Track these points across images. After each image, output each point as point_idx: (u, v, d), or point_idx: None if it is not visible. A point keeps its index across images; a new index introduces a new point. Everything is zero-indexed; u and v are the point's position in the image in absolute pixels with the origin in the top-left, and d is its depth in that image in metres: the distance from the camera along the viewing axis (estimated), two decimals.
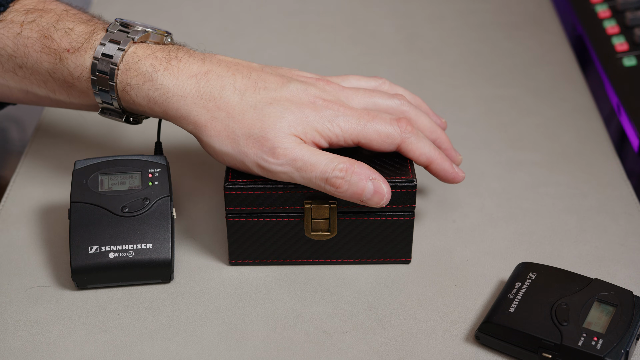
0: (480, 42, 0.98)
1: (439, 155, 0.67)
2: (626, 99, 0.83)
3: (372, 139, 0.65)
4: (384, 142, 0.65)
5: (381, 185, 0.63)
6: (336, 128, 0.64)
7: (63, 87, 0.68)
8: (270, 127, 0.63)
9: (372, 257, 0.68)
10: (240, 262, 0.68)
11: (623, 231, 0.72)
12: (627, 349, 0.58)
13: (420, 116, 0.69)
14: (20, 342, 0.62)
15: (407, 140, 0.66)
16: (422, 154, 0.66)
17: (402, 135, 0.65)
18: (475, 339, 0.62)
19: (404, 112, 0.69)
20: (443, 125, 0.73)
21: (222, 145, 0.64)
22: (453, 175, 0.68)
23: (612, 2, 0.94)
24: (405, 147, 0.66)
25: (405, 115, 0.68)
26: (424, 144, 0.66)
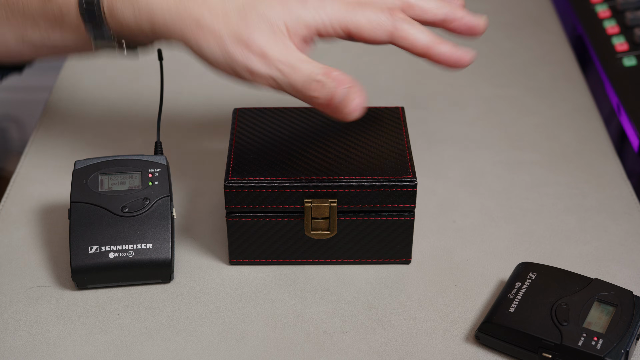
0: (480, 42, 0.98)
1: (437, 40, 0.63)
2: (626, 99, 0.83)
3: (362, 25, 0.63)
4: (375, 29, 0.63)
5: (353, 93, 0.61)
6: (323, 15, 0.62)
7: (55, 26, 0.68)
8: (257, 29, 0.62)
9: (372, 257, 0.68)
10: (240, 261, 0.68)
11: (623, 231, 0.72)
12: (627, 349, 0.58)
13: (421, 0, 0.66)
14: (20, 342, 0.62)
15: (400, 28, 0.63)
16: (418, 41, 0.63)
17: (394, 22, 0.63)
18: (475, 339, 0.62)
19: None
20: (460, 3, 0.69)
21: (211, 51, 0.63)
22: (456, 59, 0.64)
23: (612, 2, 0.94)
24: (399, 36, 0.63)
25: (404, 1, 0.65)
26: (420, 31, 0.63)
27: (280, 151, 0.67)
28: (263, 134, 0.69)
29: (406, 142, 0.68)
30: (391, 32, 0.63)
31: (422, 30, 0.64)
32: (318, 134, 0.69)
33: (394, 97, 0.88)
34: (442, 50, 0.64)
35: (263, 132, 0.70)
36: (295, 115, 0.72)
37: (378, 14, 0.63)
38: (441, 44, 0.64)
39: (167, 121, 0.83)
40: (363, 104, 0.62)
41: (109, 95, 0.88)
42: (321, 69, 0.62)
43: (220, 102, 0.86)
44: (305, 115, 0.72)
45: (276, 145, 0.68)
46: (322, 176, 0.65)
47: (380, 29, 0.63)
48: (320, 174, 0.65)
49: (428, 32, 0.64)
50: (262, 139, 0.69)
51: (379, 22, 0.63)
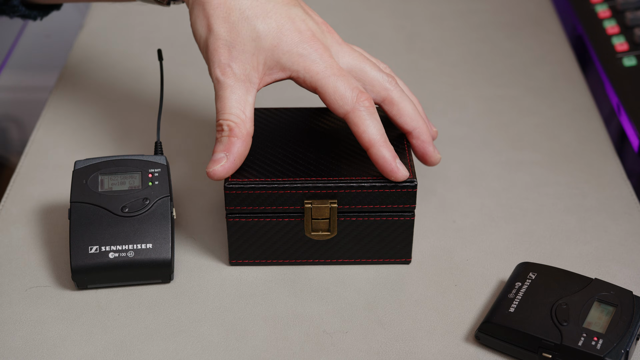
0: (480, 42, 0.98)
1: (383, 142, 0.64)
2: (626, 99, 0.83)
3: (328, 92, 0.63)
4: (336, 101, 0.63)
5: (219, 163, 0.63)
6: (300, 66, 0.63)
7: None
8: (241, 43, 0.63)
9: (372, 257, 0.68)
10: (240, 262, 0.68)
11: (623, 231, 0.72)
12: (627, 349, 0.58)
13: (404, 100, 0.67)
14: (20, 342, 0.62)
15: (357, 112, 0.63)
16: (365, 133, 0.63)
17: (355, 104, 0.63)
18: (475, 339, 0.62)
19: (387, 90, 0.66)
20: (433, 134, 0.71)
21: (199, 29, 0.65)
22: (389, 169, 0.64)
23: (612, 2, 0.94)
24: (352, 119, 0.63)
25: (387, 93, 0.66)
26: (373, 125, 0.63)
27: (280, 152, 0.67)
28: (264, 135, 0.69)
29: (406, 143, 0.68)
30: (346, 112, 0.64)
31: (375, 125, 0.64)
32: (318, 135, 0.69)
33: None
34: (380, 155, 0.64)
35: (264, 133, 0.70)
36: (296, 116, 0.72)
37: (347, 90, 0.63)
38: (381, 148, 0.63)
39: (167, 121, 0.83)
40: (222, 176, 0.64)
41: (109, 95, 0.88)
42: (232, 122, 0.63)
43: None
44: (306, 116, 0.72)
45: (276, 146, 0.68)
46: (322, 177, 0.65)
47: (340, 103, 0.63)
48: (320, 175, 0.65)
49: (378, 130, 0.64)
50: (263, 139, 0.69)
51: (342, 97, 0.63)
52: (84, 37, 0.97)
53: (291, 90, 0.85)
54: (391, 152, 0.64)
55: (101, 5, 1.03)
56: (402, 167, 0.64)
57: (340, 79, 0.63)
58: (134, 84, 0.90)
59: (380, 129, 0.64)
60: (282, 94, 0.86)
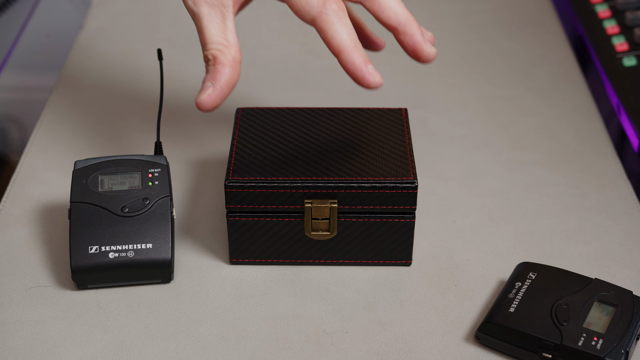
0: (480, 42, 0.98)
1: (352, 47, 0.60)
2: (626, 99, 0.83)
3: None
4: (302, 7, 0.60)
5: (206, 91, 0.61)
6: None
7: None
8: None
9: (373, 258, 0.68)
10: (240, 261, 0.68)
11: (623, 231, 0.72)
12: (627, 349, 0.58)
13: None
14: (20, 342, 0.62)
15: (324, 16, 0.60)
16: (333, 38, 0.60)
17: (321, 8, 0.59)
18: (475, 339, 0.62)
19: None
20: (428, 37, 0.66)
21: None
22: (360, 75, 0.60)
23: (612, 2, 0.94)
24: (319, 24, 0.60)
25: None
26: (342, 29, 0.60)
27: (281, 151, 0.67)
28: (265, 134, 0.69)
29: (408, 144, 0.68)
30: (313, 18, 0.60)
31: (344, 30, 0.60)
32: (319, 135, 0.69)
33: (394, 96, 0.88)
34: (349, 61, 0.60)
35: (265, 132, 0.70)
36: (297, 115, 0.72)
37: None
38: (351, 53, 0.60)
39: (167, 121, 0.83)
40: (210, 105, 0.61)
41: (109, 95, 0.88)
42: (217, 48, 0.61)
43: None
44: (307, 116, 0.72)
45: (277, 145, 0.68)
46: (322, 177, 0.65)
47: (305, 10, 0.60)
48: (320, 175, 0.65)
49: (348, 34, 0.60)
50: (264, 138, 0.69)
51: (307, 3, 0.60)
52: (84, 37, 0.97)
53: (291, 90, 0.85)
54: (362, 57, 0.60)
55: (101, 5, 1.03)
56: (375, 72, 0.61)
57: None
58: (133, 84, 0.90)
59: (350, 33, 0.60)
60: (283, 94, 0.86)
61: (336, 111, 0.72)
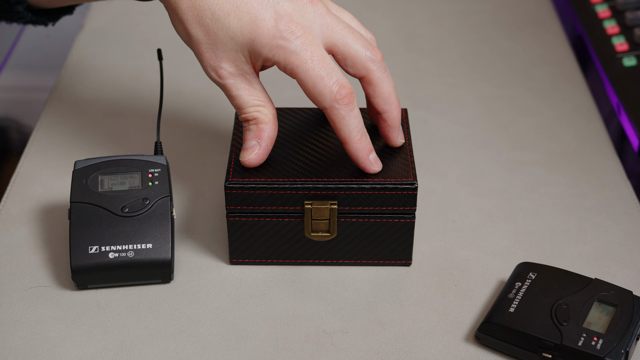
0: (480, 42, 0.98)
1: (357, 139, 0.64)
2: (626, 99, 0.83)
3: (307, 87, 0.63)
4: (315, 97, 0.63)
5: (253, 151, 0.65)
6: (281, 58, 0.62)
7: None
8: (221, 44, 0.63)
9: (373, 259, 0.68)
10: (240, 261, 0.68)
11: (623, 231, 0.72)
12: (627, 349, 0.58)
13: (383, 82, 0.65)
14: (20, 342, 0.62)
15: (334, 110, 0.63)
16: (341, 131, 0.64)
17: (332, 103, 0.63)
18: (475, 339, 0.62)
19: (368, 70, 0.65)
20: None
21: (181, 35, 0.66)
22: (363, 166, 0.65)
23: (612, 2, 0.94)
24: (329, 116, 0.63)
25: (367, 73, 0.65)
26: (350, 122, 0.63)
27: (281, 152, 0.67)
28: None
29: (408, 144, 0.68)
30: (325, 108, 0.63)
31: (352, 122, 0.63)
32: (319, 136, 0.69)
33: None
34: (352, 152, 0.64)
35: None
36: (297, 116, 0.72)
37: (324, 86, 0.62)
38: (355, 145, 0.64)
39: (167, 121, 0.83)
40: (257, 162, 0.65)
41: (109, 95, 0.88)
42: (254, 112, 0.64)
43: (220, 102, 0.86)
44: (307, 117, 0.72)
45: (277, 146, 0.68)
46: (322, 178, 0.65)
47: (318, 100, 0.63)
48: (320, 176, 0.65)
49: (355, 126, 0.64)
50: None
51: (320, 94, 0.63)
52: (84, 37, 0.97)
53: (291, 90, 0.85)
54: (366, 149, 0.64)
55: (101, 5, 1.03)
56: (375, 162, 0.65)
57: (320, 71, 0.62)
58: (133, 84, 0.90)
59: (357, 126, 0.64)
60: (282, 94, 0.86)
61: None
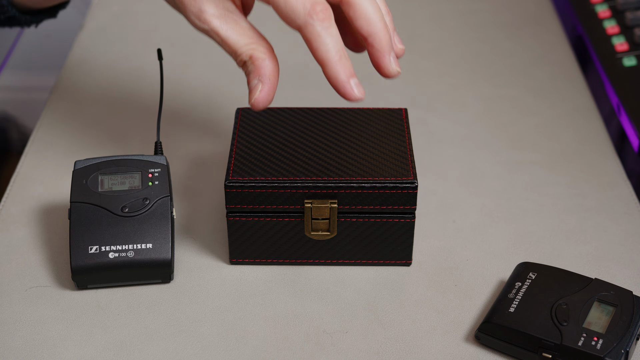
0: (480, 42, 0.98)
1: (337, 60, 0.59)
2: (626, 99, 0.83)
3: (279, 5, 0.59)
4: (287, 14, 0.59)
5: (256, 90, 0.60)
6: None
7: None
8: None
9: (373, 258, 0.68)
10: (240, 261, 0.68)
11: (623, 231, 0.72)
12: (627, 349, 0.58)
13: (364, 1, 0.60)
14: (20, 342, 0.62)
15: (309, 27, 0.58)
16: (318, 50, 0.59)
17: (306, 18, 0.58)
18: (475, 339, 0.62)
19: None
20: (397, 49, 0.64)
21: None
22: (342, 90, 0.59)
23: (612, 2, 0.94)
24: (304, 34, 0.59)
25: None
26: (328, 41, 0.59)
27: (281, 151, 0.67)
28: (265, 134, 0.69)
29: (408, 144, 0.68)
30: (299, 26, 0.59)
31: (329, 41, 0.59)
32: (320, 135, 0.69)
33: (394, 96, 0.88)
34: (332, 75, 0.59)
35: (265, 132, 0.70)
36: (297, 115, 0.72)
37: (297, 3, 0.59)
38: (335, 66, 0.59)
39: (167, 121, 0.83)
40: (265, 101, 0.60)
41: (109, 95, 0.88)
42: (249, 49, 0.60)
43: (220, 102, 0.86)
44: (307, 116, 0.72)
45: (277, 145, 0.68)
46: (322, 177, 0.65)
47: (291, 19, 0.59)
48: (320, 175, 0.65)
49: (334, 46, 0.59)
50: (264, 139, 0.69)
51: (293, 11, 0.59)
52: (84, 37, 0.97)
53: (291, 90, 0.85)
54: (345, 71, 0.59)
55: (101, 5, 1.02)
56: (357, 87, 0.60)
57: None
58: (133, 84, 0.90)
59: (335, 45, 0.59)
60: (283, 94, 0.86)
61: (336, 111, 0.72)
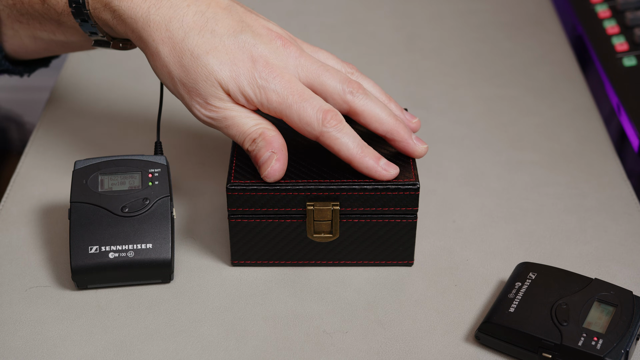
0: (480, 42, 0.98)
1: (361, 154, 0.64)
2: (626, 99, 0.83)
3: (293, 121, 0.64)
4: (303, 128, 0.64)
5: (271, 161, 0.63)
6: (263, 97, 0.63)
7: (56, 25, 0.70)
8: (201, 80, 0.63)
9: (374, 259, 0.68)
10: (242, 263, 0.68)
11: (623, 231, 0.72)
12: (627, 349, 0.58)
13: (368, 107, 0.65)
14: (20, 342, 0.62)
15: (327, 134, 0.63)
16: (341, 152, 0.64)
17: (321, 128, 0.63)
18: (475, 339, 0.62)
19: (347, 102, 0.65)
20: (413, 126, 0.70)
21: (164, 79, 0.66)
22: (378, 176, 0.64)
23: (612, 2, 0.94)
24: (324, 142, 0.64)
25: (348, 105, 0.65)
26: (346, 141, 0.64)
27: None
28: None
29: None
30: (317, 137, 0.64)
31: (347, 142, 0.64)
32: None
33: (394, 96, 0.88)
34: (362, 167, 0.64)
35: None
36: None
37: (310, 115, 0.63)
38: (362, 160, 0.64)
39: (167, 121, 0.83)
40: (280, 171, 0.64)
41: (109, 95, 0.88)
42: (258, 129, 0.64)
43: None
44: None
45: None
46: (324, 179, 0.65)
47: (308, 129, 0.64)
48: (322, 177, 0.65)
49: (352, 145, 0.64)
50: None
51: (307, 124, 0.63)
52: None
53: None
54: (372, 159, 0.64)
55: None
56: (388, 167, 0.64)
57: (302, 104, 0.63)
58: (134, 84, 0.90)
59: (354, 141, 0.64)
60: None
61: None
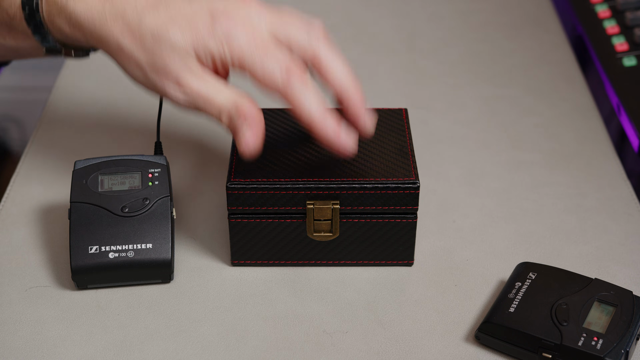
0: (480, 42, 0.98)
1: (322, 117, 0.61)
2: (626, 99, 0.83)
3: (257, 74, 0.61)
4: (266, 82, 0.61)
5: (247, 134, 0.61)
6: (227, 51, 0.61)
7: (7, 30, 0.68)
8: (169, 56, 0.61)
9: (375, 259, 0.68)
10: (242, 262, 0.68)
11: (623, 231, 0.72)
12: (627, 349, 0.58)
13: (332, 59, 0.62)
14: (20, 342, 0.62)
15: (289, 89, 0.60)
16: (302, 110, 0.61)
17: (283, 82, 0.60)
18: (475, 339, 0.62)
19: (313, 47, 0.62)
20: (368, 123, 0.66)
21: (133, 72, 0.63)
22: (336, 144, 0.62)
23: (612, 2, 0.94)
24: (285, 98, 0.61)
25: (314, 50, 0.62)
26: (308, 99, 0.60)
27: (282, 152, 0.67)
28: (266, 135, 0.69)
29: (409, 144, 0.68)
30: (280, 90, 0.61)
31: (313, 98, 0.61)
32: None
33: (394, 97, 0.88)
34: (322, 134, 0.61)
35: (266, 133, 0.69)
36: None
37: (274, 67, 0.60)
38: (326, 120, 0.61)
39: (167, 121, 0.83)
40: (254, 143, 0.61)
41: (109, 95, 0.88)
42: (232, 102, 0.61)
43: None
44: None
45: (279, 146, 0.68)
46: (324, 178, 0.65)
47: (270, 83, 0.61)
48: (322, 176, 0.65)
49: (317, 102, 0.61)
50: (265, 140, 0.69)
51: (271, 76, 0.61)
52: None
53: None
54: (332, 127, 0.61)
55: None
56: (346, 138, 0.62)
57: (267, 56, 0.60)
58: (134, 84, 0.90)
59: (316, 101, 0.61)
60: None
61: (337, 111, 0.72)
